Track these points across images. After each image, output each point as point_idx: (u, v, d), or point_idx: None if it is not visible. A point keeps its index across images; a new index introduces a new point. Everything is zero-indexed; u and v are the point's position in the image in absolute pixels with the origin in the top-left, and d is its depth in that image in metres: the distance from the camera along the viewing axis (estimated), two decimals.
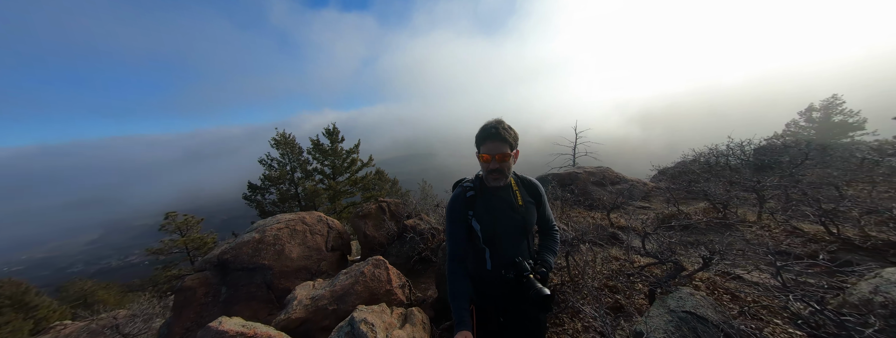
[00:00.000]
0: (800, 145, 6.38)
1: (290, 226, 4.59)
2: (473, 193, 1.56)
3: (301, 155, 16.63)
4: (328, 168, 15.09)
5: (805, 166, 5.19)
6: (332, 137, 15.11)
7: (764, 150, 6.49)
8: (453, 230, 1.55)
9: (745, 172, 5.29)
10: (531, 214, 1.58)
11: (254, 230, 4.65)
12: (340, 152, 14.97)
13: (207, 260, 4.60)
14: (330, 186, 14.39)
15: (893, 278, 1.74)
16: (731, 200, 4.26)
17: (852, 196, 3.99)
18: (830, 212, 3.44)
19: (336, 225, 4.81)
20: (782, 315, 2.14)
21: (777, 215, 3.83)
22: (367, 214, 4.82)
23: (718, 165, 6.17)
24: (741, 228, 3.79)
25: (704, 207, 4.43)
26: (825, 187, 4.30)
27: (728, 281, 2.82)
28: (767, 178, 4.49)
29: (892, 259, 2.74)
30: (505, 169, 1.45)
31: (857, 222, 3.33)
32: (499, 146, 1.42)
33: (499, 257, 1.53)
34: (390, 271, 3.22)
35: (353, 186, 14.77)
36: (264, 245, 4.41)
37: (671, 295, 2.32)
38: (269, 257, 4.35)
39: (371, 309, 2.65)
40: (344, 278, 3.22)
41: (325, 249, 4.56)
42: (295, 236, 4.52)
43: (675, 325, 2.09)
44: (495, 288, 1.56)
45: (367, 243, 4.68)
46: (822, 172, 5.30)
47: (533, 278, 1.38)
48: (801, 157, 5.21)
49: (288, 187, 16.66)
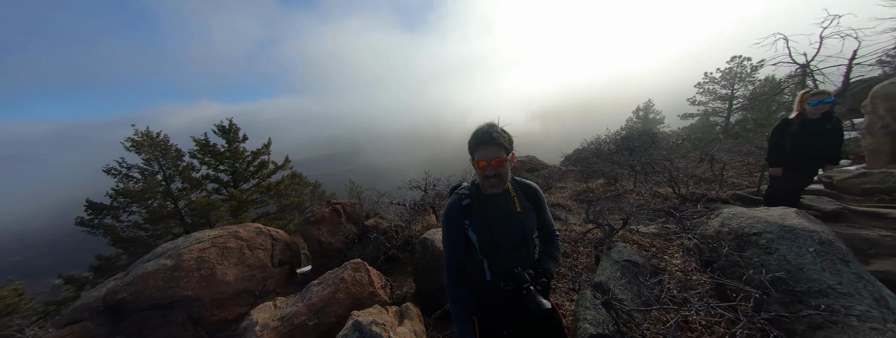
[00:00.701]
0: (645, 135, 9.16)
1: (218, 244, 3.78)
2: (470, 201, 1.48)
3: (180, 159, 13.28)
4: (226, 174, 12.43)
5: (651, 149, 7.46)
6: (228, 135, 12.43)
7: (626, 138, 8.97)
8: (450, 240, 1.49)
9: (624, 154, 7.23)
10: (531, 221, 1.49)
11: (161, 256, 3.63)
12: (242, 154, 12.50)
13: (85, 307, 3.38)
14: (231, 195, 11.88)
15: (729, 214, 2.83)
16: (617, 176, 5.76)
17: (680, 167, 5.97)
18: (673, 178, 5.07)
19: (282, 236, 4.21)
20: (676, 251, 3.13)
21: (645, 185, 5.40)
22: (319, 220, 4.38)
23: (604, 151, 8.24)
24: (627, 195, 5.19)
25: (602, 182, 5.84)
26: (664, 162, 6.28)
27: (633, 234, 3.86)
28: (635, 158, 6.32)
29: (709, 205, 4.29)
30: (502, 174, 1.37)
31: (687, 184, 5.03)
32: (494, 151, 1.34)
33: (498, 267, 1.45)
34: (371, 272, 3.13)
35: (265, 194, 12.60)
36: (183, 272, 3.52)
37: (612, 250, 3.07)
38: (193, 285, 3.51)
39: (368, 312, 2.57)
40: (320, 289, 2.96)
41: (271, 265, 3.97)
42: (228, 255, 3.76)
43: (620, 271, 2.80)
44: (497, 300, 1.49)
45: (321, 251, 4.26)
46: (658, 153, 7.73)
47: (533, 290, 1.31)
48: (648, 142, 7.50)
49: (161, 202, 13.13)
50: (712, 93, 18.65)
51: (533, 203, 1.53)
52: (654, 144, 7.53)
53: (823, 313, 2.05)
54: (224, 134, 12.46)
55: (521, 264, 1.45)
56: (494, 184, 1.39)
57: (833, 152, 3.30)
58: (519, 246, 1.48)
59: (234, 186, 12.61)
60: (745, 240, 2.55)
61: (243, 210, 12.33)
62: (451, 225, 1.48)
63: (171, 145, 13.50)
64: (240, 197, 12.08)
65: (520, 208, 1.47)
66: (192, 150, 12.73)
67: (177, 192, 13.30)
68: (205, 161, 12.51)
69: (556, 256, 1.58)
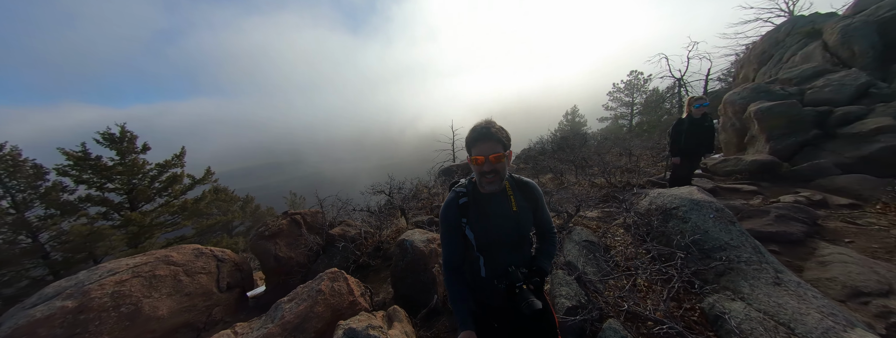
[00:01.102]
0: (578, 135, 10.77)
1: (142, 273, 3.07)
2: (467, 199, 1.47)
3: (41, 178, 10.26)
4: (119, 194, 9.88)
5: (583, 147, 8.75)
6: (120, 144, 9.97)
7: (564, 138, 10.36)
8: (448, 239, 1.49)
9: (565, 152, 8.31)
10: (527, 220, 1.49)
11: (55, 298, 2.78)
12: (143, 167, 10.12)
13: None
14: (128, 220, 9.47)
15: (655, 194, 3.53)
16: (562, 171, 6.60)
17: (608, 161, 7.11)
18: (605, 170, 6.03)
19: (229, 256, 3.62)
20: (617, 229, 3.74)
21: (584, 177, 6.30)
22: (276, 233, 3.89)
23: (548, 150, 9.36)
24: (571, 187, 5.97)
25: (551, 177, 6.62)
26: (595, 157, 7.42)
27: (583, 219, 4.46)
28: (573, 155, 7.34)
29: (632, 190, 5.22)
30: (499, 170, 1.36)
31: (614, 174, 6.04)
32: (491, 146, 1.33)
33: (493, 264, 1.46)
34: (350, 281, 2.97)
35: (178, 215, 10.39)
36: (94, 313, 2.78)
37: (572, 233, 3.51)
38: (111, 327, 2.80)
39: (357, 319, 2.45)
40: (293, 305, 2.68)
41: (218, 290, 3.40)
42: (158, 285, 3.09)
43: (580, 251, 3.22)
44: (493, 297, 1.50)
45: (279, 268, 3.80)
46: (589, 150, 9.11)
47: (525, 289, 1.32)
48: (581, 141, 8.78)
49: (8, 237, 10.00)
50: (619, 100, 22.79)
51: (530, 202, 1.52)
52: (585, 143, 8.91)
53: (724, 262, 2.72)
54: (114, 144, 9.98)
55: (516, 262, 1.45)
56: (491, 180, 1.37)
57: (710, 144, 4.39)
58: (515, 245, 1.48)
59: (132, 208, 10.14)
60: (668, 213, 3.22)
61: (147, 236, 9.96)
62: (449, 223, 1.47)
63: (23, 160, 10.37)
64: (141, 221, 9.76)
65: (516, 208, 1.46)
66: (62, 165, 9.93)
67: (36, 221, 10.23)
68: (83, 179, 9.84)
69: (552, 253, 1.58)
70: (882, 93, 6.09)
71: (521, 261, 1.48)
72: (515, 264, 1.42)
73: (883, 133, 5.26)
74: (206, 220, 12.03)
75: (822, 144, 5.83)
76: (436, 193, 4.86)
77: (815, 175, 5.25)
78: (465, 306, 1.41)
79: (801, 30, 9.24)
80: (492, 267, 1.45)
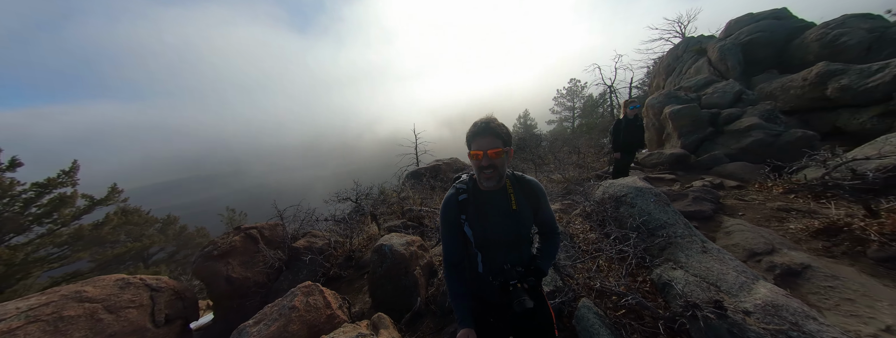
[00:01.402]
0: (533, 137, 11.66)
1: (42, 316, 2.39)
2: (466, 196, 1.46)
3: None
4: None
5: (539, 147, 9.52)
6: None
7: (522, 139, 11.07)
8: (447, 235, 1.48)
9: (525, 151, 8.89)
10: (527, 219, 1.46)
11: None
12: (11, 188, 7.79)
13: None
14: None
15: (607, 184, 3.98)
16: (524, 169, 7.05)
17: (561, 158, 7.82)
18: (560, 167, 6.61)
19: (166, 283, 3.01)
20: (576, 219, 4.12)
21: (543, 174, 6.83)
22: (227, 252, 3.35)
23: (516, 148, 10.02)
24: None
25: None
26: (550, 156, 8.10)
27: None
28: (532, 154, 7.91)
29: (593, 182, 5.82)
30: (498, 166, 1.35)
31: (569, 170, 6.68)
32: (490, 141, 1.32)
33: (491, 262, 1.46)
34: (326, 293, 2.75)
35: (67, 246, 8.18)
36: None
37: None
38: None
39: (342, 332, 2.28)
40: (263, 328, 2.39)
41: (153, 326, 2.82)
42: (68, 330, 2.44)
43: None
44: (490, 293, 1.48)
45: (232, 291, 3.28)
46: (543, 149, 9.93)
47: (519, 288, 1.33)
48: (536, 142, 9.54)
49: None
50: (563, 104, 25.36)
51: (531, 201, 1.49)
52: (540, 144, 9.72)
53: (665, 238, 3.20)
54: None
55: (514, 261, 1.43)
56: (490, 176, 1.36)
57: (641, 141, 5.13)
58: (514, 244, 1.46)
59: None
60: (619, 200, 3.66)
61: (19, 277, 7.65)
62: (448, 220, 1.46)
63: None
64: (10, 258, 7.50)
65: (516, 206, 1.43)
66: None
67: None
68: None
69: (552, 253, 1.56)
70: (750, 98, 7.81)
71: (518, 260, 1.46)
72: (513, 263, 1.42)
73: (753, 129, 6.74)
74: (111, 249, 9.80)
75: (715, 139, 7.24)
76: (405, 197, 4.75)
77: (713, 164, 6.49)
78: (465, 304, 1.41)
79: (693, 48, 11.42)
80: (489, 264, 1.45)
